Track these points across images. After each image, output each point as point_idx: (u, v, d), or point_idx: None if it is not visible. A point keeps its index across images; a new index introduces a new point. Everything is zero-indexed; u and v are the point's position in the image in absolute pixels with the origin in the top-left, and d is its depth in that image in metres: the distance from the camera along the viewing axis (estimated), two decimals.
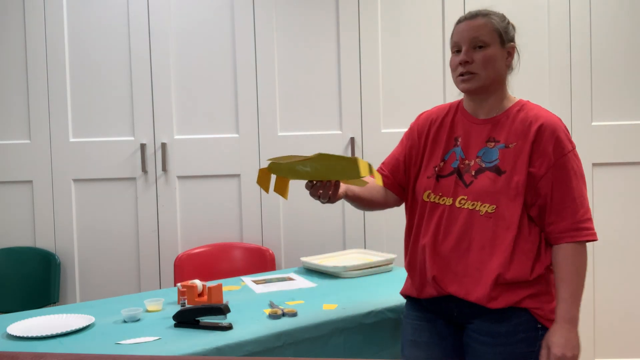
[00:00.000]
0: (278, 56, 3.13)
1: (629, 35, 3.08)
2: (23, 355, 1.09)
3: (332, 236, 3.14)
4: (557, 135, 1.66)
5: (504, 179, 1.66)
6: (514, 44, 1.75)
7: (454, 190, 1.73)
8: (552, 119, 1.70)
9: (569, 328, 1.62)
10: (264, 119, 3.13)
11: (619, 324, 3.11)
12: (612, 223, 3.11)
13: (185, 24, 3.12)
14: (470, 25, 1.72)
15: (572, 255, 1.64)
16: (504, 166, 1.68)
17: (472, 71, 1.70)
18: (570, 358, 1.60)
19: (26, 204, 3.13)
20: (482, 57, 1.69)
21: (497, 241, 1.66)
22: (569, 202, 1.65)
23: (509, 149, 1.68)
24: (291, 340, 1.83)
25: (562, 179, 1.65)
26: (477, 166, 1.71)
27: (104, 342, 1.76)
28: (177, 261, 3.02)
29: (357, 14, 3.11)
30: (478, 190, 1.69)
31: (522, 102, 1.76)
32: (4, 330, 1.87)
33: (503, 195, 1.66)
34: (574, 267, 1.64)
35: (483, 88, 1.72)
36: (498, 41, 1.71)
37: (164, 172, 3.13)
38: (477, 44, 1.70)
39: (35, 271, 3.09)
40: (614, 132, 3.09)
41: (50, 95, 3.11)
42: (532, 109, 1.73)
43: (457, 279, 1.71)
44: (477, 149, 1.73)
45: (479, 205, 1.68)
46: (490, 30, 1.71)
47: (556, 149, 1.65)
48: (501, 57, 1.72)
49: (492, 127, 1.73)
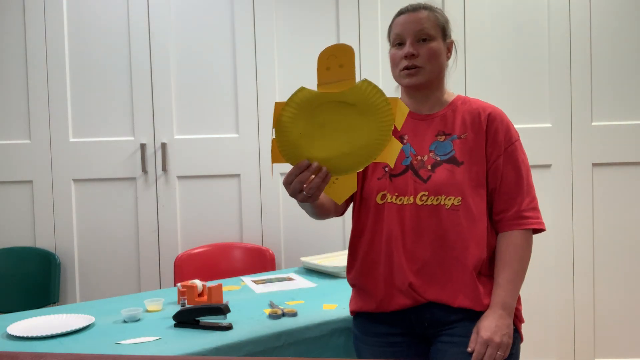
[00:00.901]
0: (278, 56, 3.13)
1: (629, 35, 3.08)
2: (23, 355, 1.08)
3: (332, 236, 3.14)
4: (507, 124, 1.66)
5: (463, 170, 1.62)
6: (452, 40, 1.73)
7: (412, 187, 1.63)
8: (497, 109, 1.70)
9: (501, 314, 1.56)
10: (264, 119, 3.13)
11: (619, 324, 3.11)
12: (612, 223, 3.11)
13: (185, 24, 3.12)
14: (415, 18, 1.66)
15: (515, 243, 1.61)
16: (461, 157, 1.63)
17: (417, 65, 1.64)
18: (498, 344, 1.53)
19: (26, 204, 3.13)
20: (428, 50, 1.64)
21: (469, 234, 1.60)
22: (517, 190, 1.63)
23: (462, 139, 1.64)
24: (291, 340, 1.83)
25: (510, 167, 1.64)
26: (432, 160, 1.64)
27: (104, 342, 1.76)
28: (177, 261, 3.02)
29: (357, 14, 3.11)
30: (439, 183, 1.61)
31: (462, 96, 1.75)
32: (4, 330, 1.87)
33: (466, 186, 1.61)
34: (516, 254, 1.61)
35: (428, 83, 1.67)
36: (441, 35, 1.68)
37: (164, 172, 3.13)
38: (422, 37, 1.64)
39: (35, 271, 3.09)
40: (614, 132, 3.09)
41: (50, 95, 3.11)
42: (475, 101, 1.72)
43: (437, 283, 1.61)
44: (428, 143, 1.66)
45: (444, 199, 1.60)
46: (434, 24, 1.66)
47: (506, 137, 1.65)
48: (443, 52, 1.69)
49: (439, 121, 1.68)
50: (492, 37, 3.10)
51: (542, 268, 3.05)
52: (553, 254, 3.10)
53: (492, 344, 1.53)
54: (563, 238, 3.10)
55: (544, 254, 3.07)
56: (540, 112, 3.10)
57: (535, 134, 3.07)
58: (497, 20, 3.10)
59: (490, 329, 1.54)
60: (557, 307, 3.09)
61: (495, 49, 3.10)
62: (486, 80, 3.09)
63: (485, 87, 3.09)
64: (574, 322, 3.11)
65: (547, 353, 3.10)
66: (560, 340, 3.11)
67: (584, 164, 3.09)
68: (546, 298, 3.10)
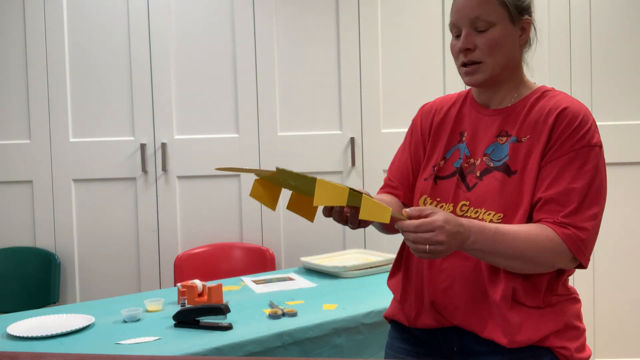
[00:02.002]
0: (278, 56, 3.13)
1: (629, 35, 3.08)
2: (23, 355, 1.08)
3: (332, 236, 3.14)
4: (582, 121, 1.31)
5: (514, 181, 1.33)
6: (530, 18, 1.41)
7: (454, 194, 1.40)
8: (579, 105, 1.35)
9: (468, 227, 1.23)
10: (264, 119, 3.13)
11: (619, 324, 3.11)
12: (612, 223, 3.11)
13: (185, 24, 3.12)
14: (470, 2, 1.36)
15: (547, 236, 1.27)
16: (515, 165, 1.34)
17: (476, 60, 1.37)
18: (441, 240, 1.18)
19: (26, 204, 3.13)
20: (487, 41, 1.36)
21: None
22: (566, 200, 1.28)
23: (522, 143, 1.35)
24: (291, 340, 1.83)
25: (569, 171, 1.29)
26: (483, 165, 1.38)
27: (104, 342, 1.76)
28: (177, 261, 3.02)
29: (357, 14, 3.11)
30: (482, 194, 1.36)
31: (543, 88, 1.43)
32: (4, 330, 1.87)
33: (513, 201, 1.32)
34: (536, 237, 1.26)
35: (492, 79, 1.39)
36: (507, 17, 1.37)
37: (164, 172, 3.13)
38: (480, 25, 1.36)
39: (35, 271, 3.09)
40: (614, 132, 3.09)
41: (50, 95, 3.11)
42: (556, 95, 1.39)
43: (464, 306, 1.37)
44: (485, 145, 1.40)
45: (483, 213, 1.35)
46: (495, 5, 1.36)
47: (575, 135, 1.30)
48: (512, 37, 1.39)
49: (504, 118, 1.40)
50: None
51: None
52: None
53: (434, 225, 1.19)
54: None
55: None
56: None
57: None
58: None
59: (448, 221, 1.20)
60: None
61: None
62: None
63: None
64: None
65: None
66: None
67: None
68: None
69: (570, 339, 1.35)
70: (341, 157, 3.14)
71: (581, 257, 1.29)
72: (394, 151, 1.94)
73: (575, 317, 1.37)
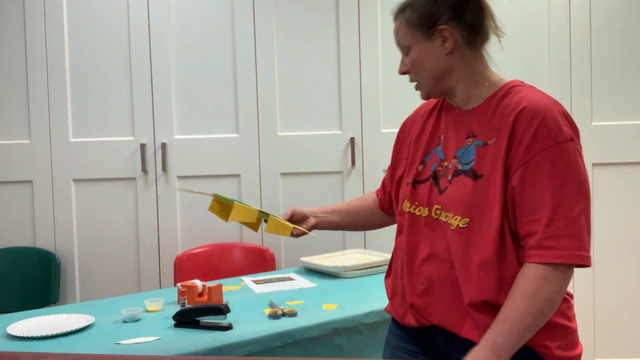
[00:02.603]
0: (278, 56, 3.13)
1: (629, 35, 3.08)
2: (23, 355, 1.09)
3: (332, 236, 3.14)
4: (541, 122, 1.29)
5: (480, 186, 1.33)
6: (445, 25, 1.38)
7: (428, 198, 1.42)
8: (540, 101, 1.33)
9: (487, 355, 1.25)
10: (264, 119, 3.13)
11: (619, 324, 3.11)
12: (612, 223, 3.11)
13: (185, 24, 3.12)
14: (394, 30, 1.45)
15: (525, 276, 1.27)
16: (481, 169, 1.34)
17: (412, 80, 1.46)
18: None
19: (26, 204, 3.13)
20: (410, 63, 1.43)
21: (470, 264, 1.33)
22: (539, 210, 1.27)
23: (488, 146, 1.34)
24: (291, 340, 1.83)
25: (535, 178, 1.27)
26: (453, 168, 1.39)
27: (104, 342, 1.76)
28: (177, 261, 3.02)
29: (357, 14, 3.11)
30: (450, 198, 1.37)
31: (510, 84, 1.43)
32: (4, 330, 1.87)
33: (476, 205, 1.33)
34: (524, 290, 1.26)
35: (434, 92, 1.45)
36: (419, 36, 1.40)
37: (164, 172, 3.13)
38: (404, 50, 1.44)
39: (35, 271, 3.09)
40: (614, 132, 3.09)
41: (50, 95, 3.11)
42: (519, 92, 1.37)
43: (442, 308, 1.39)
44: (456, 148, 1.41)
45: (451, 218, 1.36)
46: (405, 30, 1.42)
47: (536, 140, 1.28)
48: (432, 51, 1.39)
49: (471, 119, 1.40)
50: (492, 37, 3.09)
51: None
52: None
53: None
54: None
55: None
56: None
57: None
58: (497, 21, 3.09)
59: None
60: None
61: (495, 49, 3.10)
62: None
63: None
64: None
65: None
66: None
67: None
68: None
69: (552, 337, 1.33)
70: (341, 157, 3.14)
71: (577, 260, 1.27)
72: None
73: (559, 315, 1.34)
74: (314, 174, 3.15)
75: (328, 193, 3.15)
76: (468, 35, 1.42)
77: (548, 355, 1.33)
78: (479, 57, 1.46)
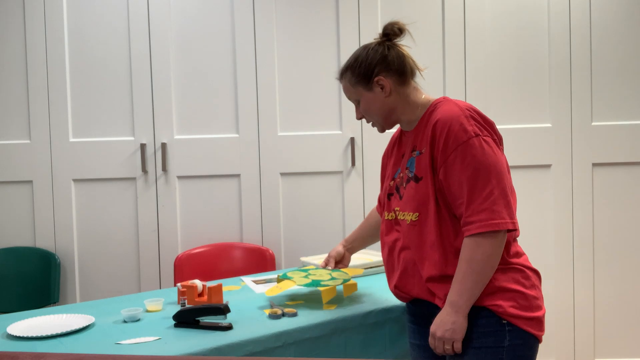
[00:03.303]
0: (278, 56, 3.13)
1: (629, 35, 3.08)
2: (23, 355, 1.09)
3: (332, 236, 3.14)
4: (449, 128, 1.65)
5: (421, 186, 1.72)
6: (378, 76, 1.77)
7: (395, 204, 1.82)
8: (449, 112, 1.68)
9: (448, 311, 1.66)
10: (264, 119, 3.13)
11: (619, 324, 3.11)
12: (612, 223, 3.11)
13: (185, 24, 3.12)
14: (343, 89, 1.86)
15: (466, 247, 1.65)
16: (420, 172, 1.72)
17: (368, 121, 1.87)
18: (440, 337, 1.66)
19: (26, 204, 3.13)
20: (363, 110, 1.83)
21: (423, 248, 1.72)
22: (459, 196, 1.65)
23: (422, 154, 1.73)
24: (291, 340, 1.83)
25: (453, 173, 1.65)
26: (406, 177, 1.78)
27: (104, 342, 1.76)
28: (177, 261, 3.02)
29: (357, 14, 3.11)
30: (405, 200, 1.76)
31: (435, 102, 1.78)
32: (4, 330, 1.87)
33: (421, 202, 1.71)
34: (463, 256, 1.65)
35: (388, 124, 1.84)
36: (363, 89, 1.79)
37: (164, 172, 3.13)
38: (355, 103, 1.84)
39: (35, 271, 3.09)
40: (614, 132, 3.09)
41: (50, 95, 3.11)
42: (438, 107, 1.74)
43: (416, 283, 1.77)
44: (407, 160, 1.80)
45: (406, 215, 1.76)
46: (350, 89, 1.81)
47: (448, 144, 1.65)
48: (376, 96, 1.78)
49: (415, 136, 1.78)
50: (492, 37, 3.10)
51: (542, 268, 3.04)
52: (553, 254, 3.10)
53: (435, 336, 1.68)
54: (563, 238, 3.11)
55: (544, 254, 3.07)
56: (540, 112, 3.10)
57: (535, 134, 3.07)
58: (497, 21, 3.10)
59: (435, 323, 1.69)
60: (557, 307, 3.09)
61: (495, 49, 3.10)
62: (486, 80, 3.10)
63: (485, 87, 3.09)
64: (574, 322, 3.12)
65: (547, 353, 3.10)
66: (560, 340, 3.11)
67: (584, 164, 3.09)
68: (546, 298, 3.06)
69: (504, 298, 1.67)
70: (341, 157, 3.14)
71: (493, 227, 1.61)
72: None
73: (512, 282, 1.69)
74: (314, 174, 3.15)
75: (328, 193, 3.15)
76: (399, 77, 1.79)
77: (502, 313, 1.67)
78: (412, 89, 1.82)
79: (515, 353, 1.68)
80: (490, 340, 1.67)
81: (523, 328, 1.68)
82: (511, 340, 1.67)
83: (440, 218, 1.70)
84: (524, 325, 1.68)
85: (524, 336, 1.68)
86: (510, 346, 1.67)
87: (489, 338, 1.67)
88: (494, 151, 1.66)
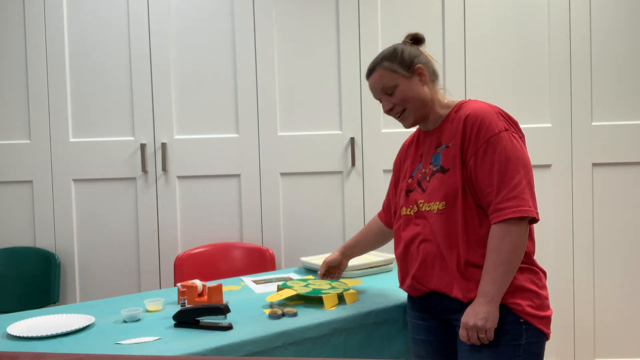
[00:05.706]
0: (278, 56, 3.13)
1: (629, 35, 3.09)
2: (23, 355, 1.09)
3: (332, 236, 3.14)
4: (481, 121, 1.74)
5: (448, 176, 1.78)
6: (419, 64, 1.84)
7: (417, 197, 1.86)
8: (480, 108, 1.77)
9: (480, 301, 1.69)
10: (264, 119, 3.13)
11: (619, 324, 3.11)
12: (612, 223, 3.11)
13: (185, 24, 3.12)
14: (373, 82, 1.89)
15: (492, 236, 1.71)
16: (447, 164, 1.79)
17: (399, 111, 1.87)
18: (472, 327, 1.69)
19: (26, 204, 3.13)
20: (399, 97, 1.84)
21: (451, 235, 1.76)
22: (489, 185, 1.71)
23: (449, 147, 1.80)
24: (291, 340, 1.83)
25: (484, 163, 1.72)
26: (430, 171, 1.84)
27: (104, 342, 1.76)
28: (177, 261, 3.02)
29: (357, 15, 3.11)
30: (430, 192, 1.81)
31: (462, 102, 1.87)
32: (4, 330, 1.87)
33: (448, 191, 1.77)
34: (492, 246, 1.70)
35: (420, 117, 1.87)
36: (401, 76, 1.84)
37: (164, 172, 3.13)
38: (389, 91, 1.86)
39: (35, 271, 3.09)
40: (614, 132, 3.09)
41: (50, 95, 3.11)
42: (465, 106, 1.82)
43: (435, 275, 1.81)
44: (430, 156, 1.87)
45: (432, 205, 1.80)
46: (389, 75, 1.85)
47: (479, 135, 1.73)
48: (415, 84, 1.84)
49: (438, 134, 1.86)
50: (493, 37, 3.10)
51: None
52: (553, 254, 3.10)
53: (468, 326, 1.70)
54: (563, 238, 3.11)
55: (544, 254, 3.07)
56: (540, 112, 3.10)
57: (535, 134, 3.07)
58: (497, 21, 3.10)
59: (468, 314, 1.71)
60: (558, 307, 3.09)
61: (496, 49, 3.10)
62: (487, 80, 3.10)
63: (485, 87, 3.09)
64: (574, 322, 3.12)
65: (547, 353, 3.08)
66: (560, 340, 3.11)
67: (584, 164, 3.10)
68: None
69: (522, 297, 1.73)
70: (341, 157, 3.14)
71: (523, 213, 1.67)
72: (394, 151, 2.11)
73: (529, 282, 1.75)
74: (314, 174, 3.15)
75: (328, 193, 3.15)
76: (431, 74, 1.88)
77: (520, 312, 1.72)
78: (438, 89, 1.92)
79: (530, 351, 1.74)
80: (509, 338, 1.72)
81: (537, 327, 1.74)
82: (527, 338, 1.73)
83: (466, 206, 1.75)
84: (538, 324, 1.74)
85: (538, 334, 1.75)
86: (527, 344, 1.73)
87: (508, 335, 1.72)
88: (522, 146, 1.76)
